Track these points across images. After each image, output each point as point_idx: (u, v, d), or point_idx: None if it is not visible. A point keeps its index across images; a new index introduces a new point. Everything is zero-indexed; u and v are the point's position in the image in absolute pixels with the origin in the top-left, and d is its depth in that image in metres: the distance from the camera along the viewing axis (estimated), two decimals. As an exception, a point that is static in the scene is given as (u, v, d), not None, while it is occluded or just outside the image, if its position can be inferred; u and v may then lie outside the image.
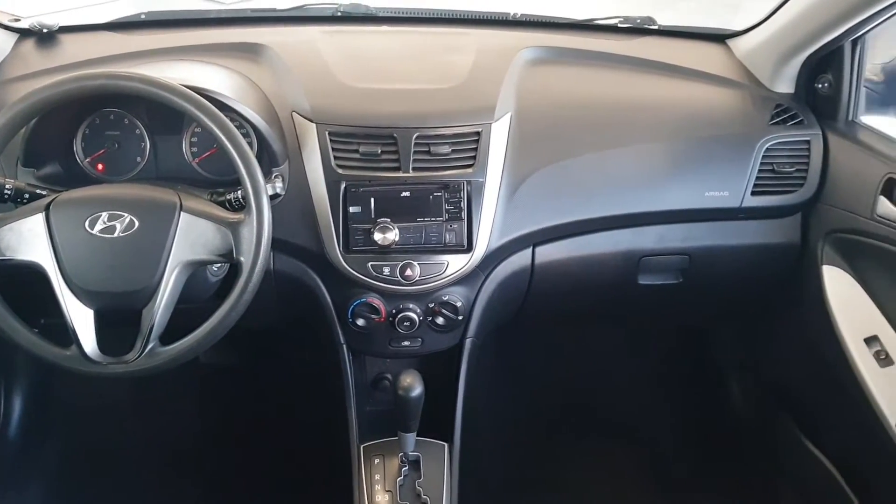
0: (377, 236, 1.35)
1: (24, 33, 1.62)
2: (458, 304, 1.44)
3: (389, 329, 1.44)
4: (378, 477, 1.44)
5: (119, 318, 1.15)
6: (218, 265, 1.33)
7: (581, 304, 1.75)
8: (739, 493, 1.88)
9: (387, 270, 1.37)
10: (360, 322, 1.43)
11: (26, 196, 1.24)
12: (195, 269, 1.22)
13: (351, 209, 1.36)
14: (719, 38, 1.76)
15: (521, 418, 2.10)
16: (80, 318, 1.17)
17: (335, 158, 1.36)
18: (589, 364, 2.22)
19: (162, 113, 1.37)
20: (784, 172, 1.53)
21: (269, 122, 1.36)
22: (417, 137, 1.37)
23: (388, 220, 1.36)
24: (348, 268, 1.37)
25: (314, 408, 1.94)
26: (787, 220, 1.60)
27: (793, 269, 1.64)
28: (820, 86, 1.56)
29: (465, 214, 1.38)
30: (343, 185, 1.36)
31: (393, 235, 1.35)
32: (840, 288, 1.53)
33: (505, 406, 2.11)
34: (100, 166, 1.46)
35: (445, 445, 1.48)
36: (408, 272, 1.37)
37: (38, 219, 1.16)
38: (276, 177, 1.35)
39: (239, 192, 1.26)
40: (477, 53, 1.57)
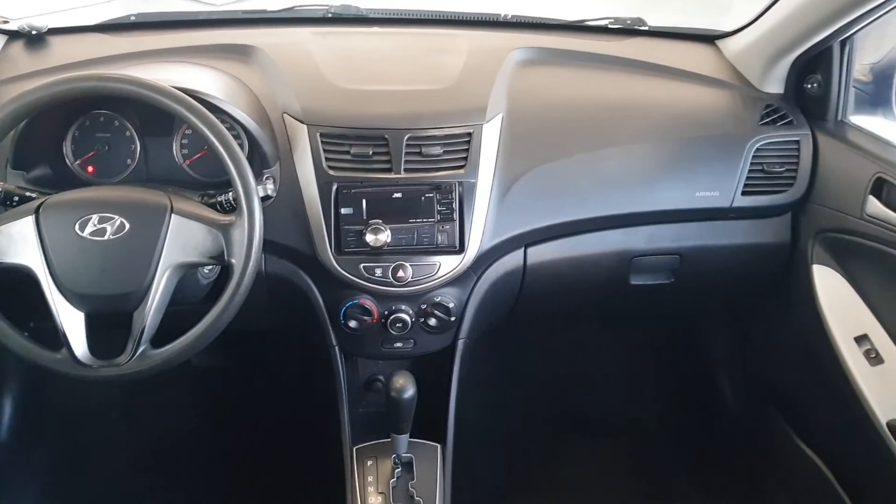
0: (369, 238, 1.35)
1: (13, 35, 1.60)
2: (451, 305, 1.44)
3: (382, 330, 1.44)
4: (371, 479, 1.44)
5: (110, 321, 1.15)
6: (209, 267, 1.32)
7: (573, 304, 1.75)
8: (731, 492, 1.89)
9: (379, 272, 1.37)
10: (353, 324, 1.43)
11: (16, 199, 1.24)
12: (186, 271, 1.21)
13: (343, 210, 1.36)
14: (709, 38, 1.77)
15: (513, 419, 2.10)
16: (71, 322, 1.16)
17: (326, 160, 1.36)
18: (581, 364, 2.22)
19: (152, 115, 1.36)
20: (774, 172, 1.54)
21: (260, 123, 1.35)
22: (409, 139, 1.36)
23: (380, 221, 1.36)
24: (340, 269, 1.37)
25: (306, 410, 1.94)
26: (777, 220, 1.61)
27: (783, 268, 1.65)
28: (809, 86, 1.57)
29: (456, 215, 1.38)
30: (335, 187, 1.35)
31: (385, 237, 1.35)
32: (830, 287, 1.54)
33: (498, 406, 2.11)
34: (90, 168, 1.45)
35: (438, 447, 1.48)
36: (400, 273, 1.37)
37: (27, 221, 1.15)
38: (267, 178, 1.35)
39: (230, 193, 1.25)
40: (468, 55, 1.57)
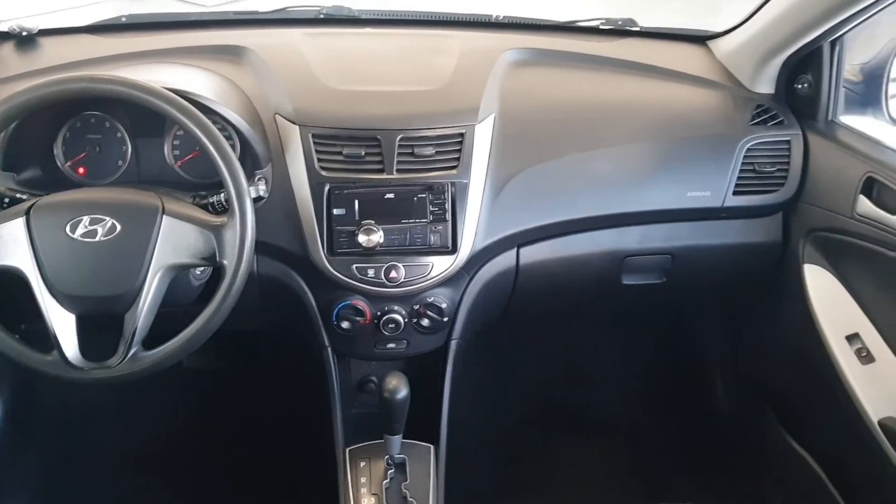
0: (361, 238, 1.35)
1: (3, 36, 1.60)
2: (444, 305, 1.44)
3: (374, 331, 1.44)
4: (364, 480, 1.43)
5: (101, 323, 1.14)
6: (201, 269, 1.32)
7: (566, 304, 1.76)
8: (723, 491, 1.89)
9: (371, 272, 1.37)
10: (345, 324, 1.43)
11: (6, 200, 1.23)
12: (178, 272, 1.21)
13: (335, 211, 1.36)
14: (700, 39, 1.77)
15: (507, 419, 2.10)
16: (62, 323, 1.15)
17: (319, 161, 1.36)
18: (574, 364, 2.23)
19: (144, 116, 1.36)
20: (765, 172, 1.54)
21: (252, 124, 1.35)
22: (401, 139, 1.37)
23: (373, 221, 1.36)
24: (333, 270, 1.37)
25: (299, 411, 1.93)
26: (768, 220, 1.62)
27: (774, 268, 1.65)
28: (800, 86, 1.58)
29: (449, 216, 1.38)
30: (327, 188, 1.35)
31: (377, 237, 1.35)
32: (821, 286, 1.54)
33: (491, 407, 2.11)
34: (81, 170, 1.45)
35: (431, 447, 1.48)
36: (392, 274, 1.37)
37: (18, 223, 1.14)
38: (259, 179, 1.34)
39: (222, 194, 1.25)
40: (460, 55, 1.57)
